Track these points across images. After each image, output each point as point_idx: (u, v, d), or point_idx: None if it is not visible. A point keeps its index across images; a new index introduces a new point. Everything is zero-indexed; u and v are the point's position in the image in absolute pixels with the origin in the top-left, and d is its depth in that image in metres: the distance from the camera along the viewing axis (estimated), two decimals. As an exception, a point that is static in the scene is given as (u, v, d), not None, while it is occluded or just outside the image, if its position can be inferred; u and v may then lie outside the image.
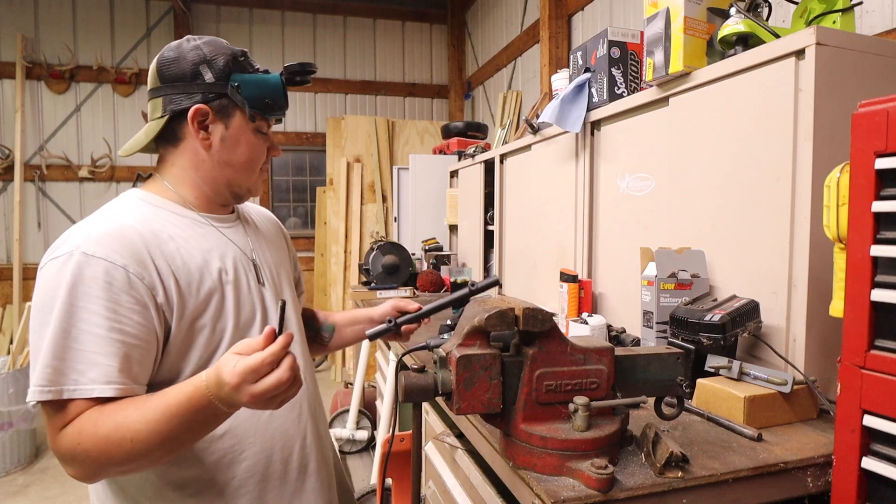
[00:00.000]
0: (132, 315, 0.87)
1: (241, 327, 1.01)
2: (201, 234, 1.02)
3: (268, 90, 1.02)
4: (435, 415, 1.59)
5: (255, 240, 1.13)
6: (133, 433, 0.80)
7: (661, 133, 1.61)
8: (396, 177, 4.58)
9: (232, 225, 1.10)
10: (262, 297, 1.07)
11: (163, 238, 0.94)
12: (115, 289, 0.86)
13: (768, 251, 1.25)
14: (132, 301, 0.87)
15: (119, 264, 0.87)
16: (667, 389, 0.98)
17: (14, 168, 5.35)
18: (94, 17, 5.61)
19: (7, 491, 3.06)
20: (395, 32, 6.42)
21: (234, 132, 1.02)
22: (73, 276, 0.84)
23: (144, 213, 0.98)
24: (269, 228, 1.25)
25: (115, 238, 0.89)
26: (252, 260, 1.08)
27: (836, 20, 1.33)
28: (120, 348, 0.85)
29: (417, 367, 0.90)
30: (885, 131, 0.77)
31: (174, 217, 1.01)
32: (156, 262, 0.91)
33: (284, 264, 1.21)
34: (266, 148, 1.08)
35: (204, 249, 1.00)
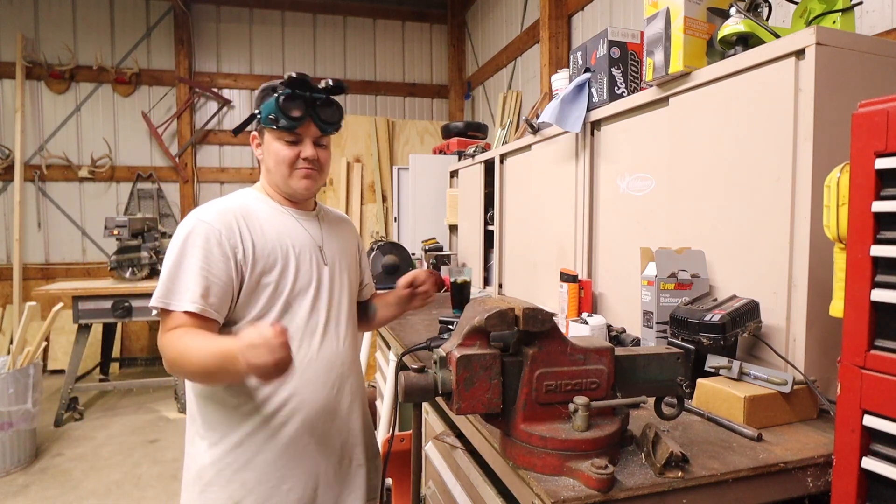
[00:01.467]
0: (219, 262, 1.23)
1: (297, 290, 1.32)
2: (282, 220, 1.36)
3: (271, 110, 1.28)
4: (435, 415, 1.59)
5: (326, 232, 1.45)
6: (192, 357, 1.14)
7: (661, 133, 1.61)
8: (396, 177, 4.58)
9: (309, 218, 1.42)
10: (321, 273, 1.38)
11: (252, 217, 1.31)
12: (212, 242, 1.23)
13: (768, 251, 1.25)
14: (221, 253, 1.23)
15: (216, 227, 1.24)
16: (667, 389, 0.98)
17: (14, 168, 5.35)
18: (94, 17, 5.61)
19: (7, 491, 3.06)
20: (395, 32, 6.42)
21: (266, 145, 1.35)
22: (190, 232, 1.24)
23: (247, 200, 1.36)
24: (344, 229, 1.54)
25: (219, 212, 1.28)
26: (319, 246, 1.40)
27: (836, 20, 1.33)
28: (205, 281, 1.20)
29: (417, 367, 0.90)
30: (885, 131, 0.77)
31: (265, 206, 1.36)
32: (241, 231, 1.27)
33: (348, 258, 1.49)
34: (295, 153, 1.32)
35: (280, 230, 1.34)
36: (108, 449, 3.58)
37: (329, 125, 1.34)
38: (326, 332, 1.36)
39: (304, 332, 1.32)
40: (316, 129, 1.33)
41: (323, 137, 1.35)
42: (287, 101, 1.27)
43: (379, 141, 5.36)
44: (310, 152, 1.32)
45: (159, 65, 5.78)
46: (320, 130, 1.33)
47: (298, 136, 1.31)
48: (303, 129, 1.31)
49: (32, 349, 3.36)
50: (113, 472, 3.28)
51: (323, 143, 1.37)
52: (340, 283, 1.43)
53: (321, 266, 1.38)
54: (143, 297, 3.97)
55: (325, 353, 1.35)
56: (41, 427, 3.67)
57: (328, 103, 1.33)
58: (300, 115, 1.28)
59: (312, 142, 1.33)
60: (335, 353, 1.37)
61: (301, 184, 1.34)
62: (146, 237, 4.37)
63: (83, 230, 5.66)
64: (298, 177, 1.34)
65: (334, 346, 1.38)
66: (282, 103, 1.26)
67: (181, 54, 5.74)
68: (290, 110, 1.27)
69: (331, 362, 1.36)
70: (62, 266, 5.59)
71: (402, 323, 2.27)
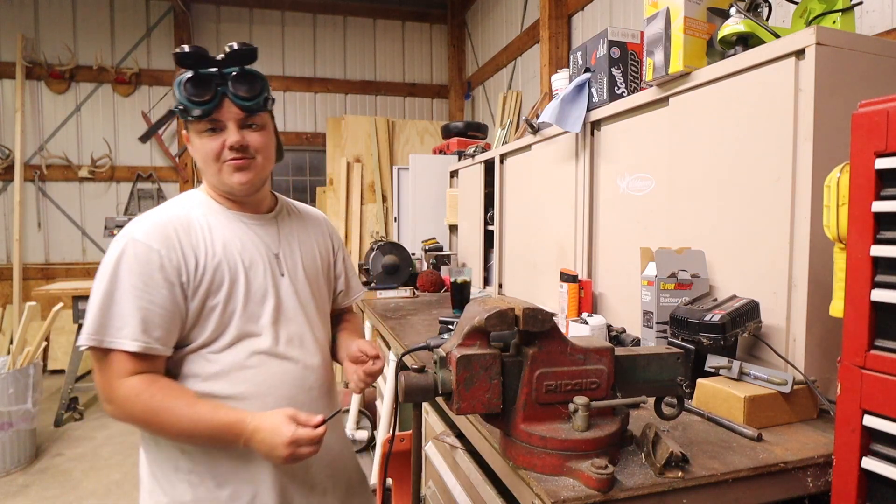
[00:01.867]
0: (161, 290, 1.06)
1: (250, 310, 1.15)
2: (229, 228, 1.18)
3: (178, 95, 1.09)
4: (435, 415, 1.59)
5: (286, 236, 1.26)
6: (176, 420, 1.03)
7: (661, 133, 1.61)
8: (396, 177, 4.58)
9: (263, 222, 1.24)
10: (278, 285, 1.20)
11: (194, 228, 1.14)
12: (151, 267, 1.06)
13: (768, 251, 1.25)
14: (163, 278, 1.07)
15: (154, 248, 1.07)
16: (667, 389, 0.98)
17: (14, 168, 5.35)
18: (94, 17, 5.61)
19: (7, 491, 3.06)
20: (395, 32, 6.42)
21: (191, 140, 1.16)
22: (121, 255, 1.07)
23: (189, 207, 1.18)
24: (312, 228, 1.36)
25: (156, 227, 1.10)
26: (275, 253, 1.22)
27: (836, 20, 1.33)
28: (146, 314, 1.05)
29: (417, 367, 0.90)
30: (885, 131, 0.77)
31: (210, 212, 1.19)
32: (182, 248, 1.10)
33: (316, 262, 1.32)
34: (219, 143, 1.12)
35: (227, 240, 1.16)
36: (108, 449, 3.58)
37: (250, 100, 1.11)
38: (289, 353, 1.18)
39: (263, 355, 1.15)
40: (237, 110, 1.11)
41: (251, 117, 1.13)
42: (189, 84, 1.08)
43: (379, 141, 5.36)
44: (234, 138, 1.11)
45: (159, 65, 5.78)
46: (242, 110, 1.11)
47: (217, 123, 1.11)
48: (220, 113, 1.10)
49: (32, 349, 3.36)
50: (113, 472, 3.28)
51: (253, 124, 1.14)
52: (305, 295, 1.25)
53: (277, 277, 1.20)
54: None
55: (290, 378, 1.17)
56: (41, 427, 3.67)
57: (243, 75, 1.11)
58: (209, 97, 1.08)
59: (237, 125, 1.12)
60: (301, 378, 1.19)
61: (234, 178, 1.14)
62: (146, 237, 4.36)
63: (83, 230, 5.66)
64: (229, 171, 1.13)
65: (300, 369, 1.19)
66: (184, 87, 1.07)
67: (181, 54, 5.74)
68: (195, 94, 1.08)
69: (297, 387, 1.18)
70: (62, 266, 5.59)
71: (402, 323, 2.28)
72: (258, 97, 1.13)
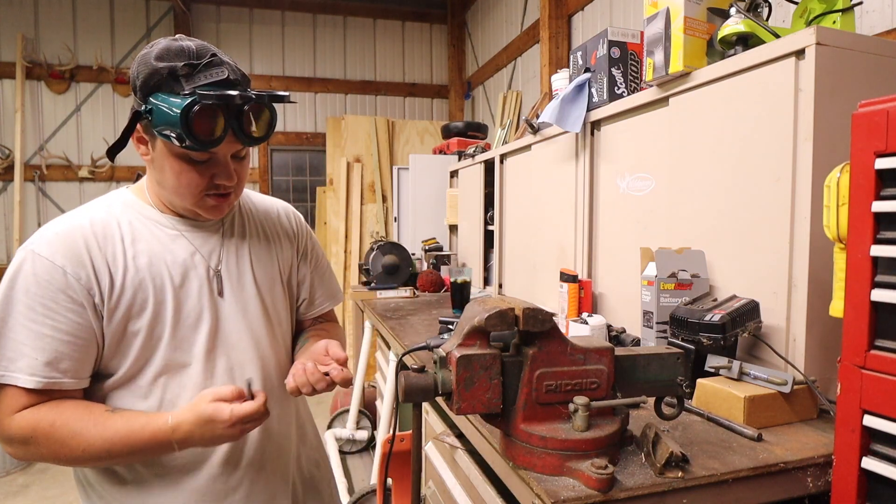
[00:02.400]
0: (67, 314, 0.90)
1: (180, 337, 0.98)
2: (156, 236, 0.99)
3: (170, 121, 0.87)
4: (435, 415, 1.59)
5: (233, 244, 1.07)
6: (87, 444, 0.88)
7: (661, 133, 1.61)
8: (396, 177, 4.58)
9: (203, 229, 1.04)
10: (216, 308, 1.02)
11: (112, 237, 0.96)
12: (53, 287, 0.89)
13: (768, 251, 1.25)
14: (69, 300, 0.90)
15: (58, 264, 0.90)
16: (667, 389, 0.98)
17: (14, 168, 5.35)
18: (94, 17, 5.61)
19: (7, 491, 3.06)
20: (395, 32, 6.42)
21: (158, 155, 0.95)
22: (17, 272, 0.90)
23: (110, 212, 0.99)
24: (270, 228, 1.16)
25: (61, 238, 0.92)
26: (215, 269, 1.03)
27: (836, 20, 1.33)
28: (49, 343, 0.88)
29: (417, 367, 0.90)
30: (885, 131, 0.77)
31: (140, 218, 1.00)
32: (94, 262, 0.92)
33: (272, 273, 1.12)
34: (206, 178, 0.94)
35: (153, 253, 0.98)
36: (108, 449, 3.58)
37: (257, 140, 0.95)
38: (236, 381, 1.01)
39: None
40: (237, 143, 0.95)
41: (243, 149, 0.98)
42: (202, 116, 0.87)
43: (379, 141, 5.36)
44: (227, 177, 0.95)
45: (159, 65, 5.78)
46: (242, 144, 0.96)
47: (211, 155, 0.93)
48: (219, 148, 0.92)
49: (32, 349, 3.35)
50: (113, 472, 3.27)
51: (242, 156, 0.99)
52: (255, 314, 1.06)
53: (215, 298, 1.02)
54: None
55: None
56: None
57: (258, 109, 0.93)
58: (220, 135, 0.90)
59: (230, 158, 0.96)
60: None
61: (210, 213, 1.00)
62: (146, 237, 4.36)
63: (83, 230, 5.66)
64: (208, 206, 0.98)
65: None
66: (193, 119, 0.86)
67: (181, 54, 5.74)
68: (205, 130, 0.88)
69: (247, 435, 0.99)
70: (62, 266, 5.59)
71: (402, 323, 2.28)
72: (268, 135, 0.98)
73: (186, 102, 0.86)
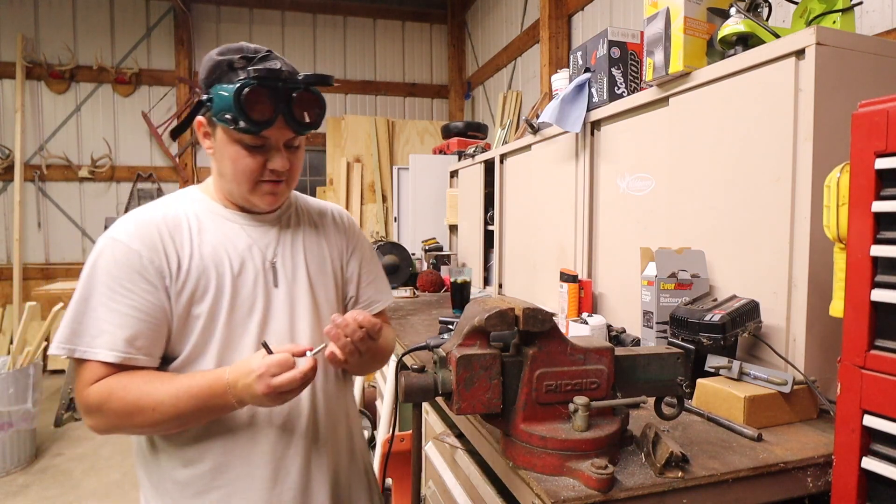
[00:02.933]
0: (144, 294, 0.97)
1: (235, 323, 1.04)
2: (221, 229, 1.07)
3: (227, 105, 0.96)
4: (435, 415, 1.59)
5: (289, 240, 1.13)
6: (157, 403, 0.93)
7: (661, 133, 1.61)
8: (396, 177, 4.58)
9: (262, 224, 1.12)
10: (269, 298, 1.08)
11: (181, 229, 1.04)
12: (131, 269, 0.97)
13: (768, 251, 1.25)
14: (144, 281, 0.98)
15: (135, 248, 0.98)
16: (667, 389, 0.98)
17: (14, 168, 5.35)
18: (94, 17, 5.61)
19: (7, 491, 3.06)
20: (395, 32, 6.42)
21: (219, 144, 1.03)
22: (99, 257, 0.98)
23: (180, 207, 1.08)
24: (323, 230, 1.21)
25: (137, 227, 1.01)
26: (271, 261, 1.09)
27: (836, 20, 1.33)
28: (128, 321, 0.96)
29: (417, 367, 0.90)
30: (885, 131, 0.77)
31: (206, 212, 1.08)
32: (166, 249, 1.01)
33: (325, 269, 1.17)
34: (260, 163, 1.02)
35: (217, 243, 1.05)
36: (108, 449, 3.58)
37: (307, 127, 1.03)
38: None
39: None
40: (289, 131, 1.02)
41: (295, 139, 1.05)
42: (253, 97, 0.95)
43: (379, 141, 5.36)
44: (280, 163, 1.02)
45: (159, 65, 5.78)
46: (294, 132, 1.03)
47: (265, 140, 1.00)
48: (271, 132, 0.99)
49: (32, 349, 3.36)
50: (113, 472, 3.28)
51: (295, 146, 1.06)
52: (304, 307, 1.11)
53: (269, 288, 1.07)
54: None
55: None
56: (41, 427, 3.67)
57: (307, 98, 1.01)
58: (270, 116, 0.97)
59: (283, 145, 1.03)
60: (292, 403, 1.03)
61: (265, 200, 1.06)
62: (146, 237, 4.37)
63: (83, 230, 5.67)
64: (262, 193, 1.04)
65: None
66: (245, 99, 0.95)
67: (181, 54, 5.75)
68: (256, 110, 0.96)
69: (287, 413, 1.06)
70: (62, 266, 5.59)
71: (402, 323, 2.28)
72: (316, 123, 1.04)
73: (238, 85, 0.96)
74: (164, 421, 0.95)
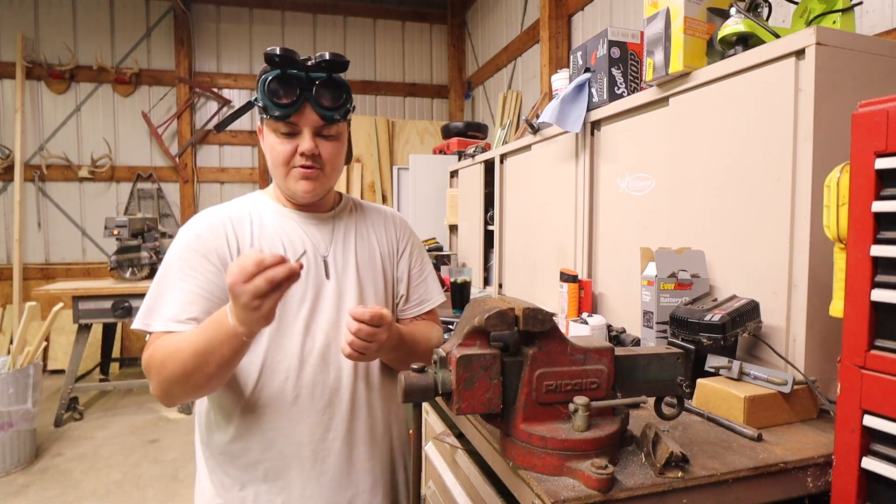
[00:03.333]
0: (209, 275, 1.09)
1: (284, 311, 1.12)
2: (280, 224, 1.18)
3: (259, 92, 1.09)
4: (435, 415, 1.59)
5: (342, 237, 1.22)
6: (176, 345, 1.00)
7: (661, 133, 1.61)
8: (396, 177, 4.58)
9: (318, 221, 1.21)
10: (319, 288, 1.16)
11: (244, 222, 1.16)
12: (199, 253, 1.10)
13: (768, 251, 1.25)
14: (209, 263, 1.09)
15: (203, 236, 1.11)
16: (667, 389, 0.98)
17: (14, 168, 5.35)
18: (94, 17, 5.61)
19: (7, 491, 3.06)
20: (395, 32, 6.42)
21: (265, 139, 1.15)
22: (175, 243, 1.13)
23: (245, 205, 1.20)
24: (376, 230, 1.28)
25: (206, 219, 1.15)
26: (324, 255, 1.18)
27: (836, 20, 1.33)
28: (194, 298, 1.07)
29: (417, 367, 0.90)
30: (885, 131, 0.77)
31: (267, 210, 1.19)
32: (228, 237, 1.13)
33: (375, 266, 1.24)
34: (291, 148, 1.11)
35: (275, 235, 1.16)
36: (108, 449, 3.58)
37: (332, 111, 1.10)
38: (325, 360, 1.13)
39: (295, 359, 1.12)
40: (316, 117, 1.09)
41: (327, 127, 1.11)
42: (274, 83, 1.06)
43: (379, 141, 5.36)
44: (307, 145, 1.09)
45: (159, 65, 5.78)
46: (322, 118, 1.10)
47: (294, 127, 1.10)
48: (299, 118, 1.09)
49: (32, 349, 3.36)
50: (113, 472, 3.28)
51: (328, 135, 1.12)
52: (350, 300, 1.18)
53: (321, 279, 1.16)
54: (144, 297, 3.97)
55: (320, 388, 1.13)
56: (41, 427, 3.67)
57: (329, 83, 1.09)
58: (292, 100, 1.07)
59: (313, 132, 1.10)
60: (334, 389, 1.14)
61: (299, 186, 1.13)
62: (146, 237, 4.37)
63: (83, 230, 5.66)
64: (295, 177, 1.12)
65: (333, 378, 1.14)
66: (268, 87, 1.06)
67: (181, 54, 5.75)
68: (278, 95, 1.06)
69: (328, 398, 1.14)
70: (62, 266, 5.59)
71: (402, 323, 2.27)
72: (340, 108, 1.11)
73: (264, 76, 1.07)
74: (185, 362, 0.98)
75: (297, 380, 1.12)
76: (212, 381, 1.02)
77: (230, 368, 1.02)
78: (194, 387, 1.03)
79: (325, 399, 1.14)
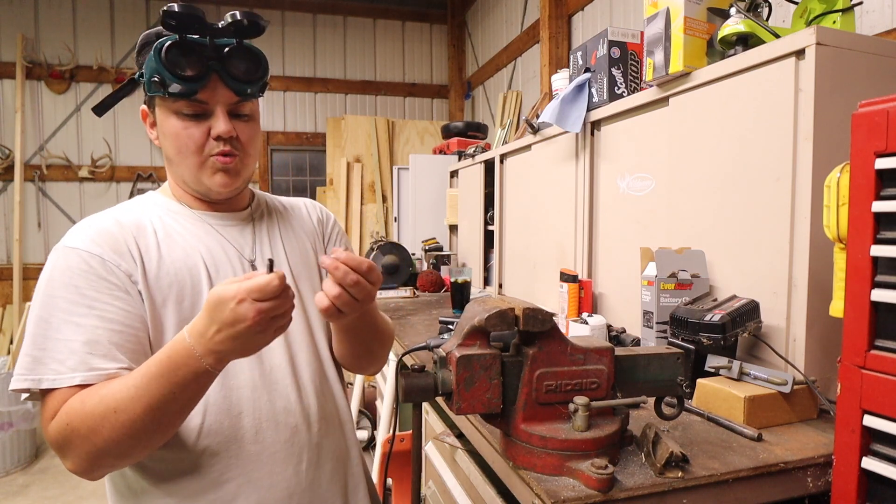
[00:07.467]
0: (114, 301, 0.84)
1: None
2: (191, 230, 0.97)
3: (153, 66, 0.86)
4: (435, 415, 1.59)
5: (264, 236, 1.05)
6: (116, 402, 0.76)
7: (661, 133, 1.61)
8: (396, 177, 4.58)
9: (234, 222, 1.03)
10: None
11: (146, 233, 0.93)
12: (93, 276, 0.84)
13: (768, 251, 1.25)
14: (112, 287, 0.85)
15: (95, 252, 0.86)
16: (667, 389, 0.98)
17: (14, 168, 5.35)
18: (94, 17, 5.61)
19: (7, 491, 3.06)
20: (395, 32, 6.42)
21: (159, 123, 0.93)
22: (53, 268, 0.85)
23: (142, 209, 0.98)
24: (298, 221, 1.14)
25: (94, 230, 0.89)
26: (249, 259, 1.00)
27: (836, 20, 1.33)
28: (101, 334, 0.82)
29: (417, 367, 0.90)
30: (885, 131, 0.77)
31: (171, 214, 0.98)
32: (131, 251, 0.89)
33: (306, 262, 1.10)
34: (202, 131, 0.91)
35: (188, 245, 0.95)
36: (108, 449, 3.58)
37: (247, 84, 0.91)
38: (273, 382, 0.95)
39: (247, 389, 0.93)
40: (229, 93, 0.90)
41: (241, 104, 0.93)
42: (174, 51, 0.85)
43: (379, 141, 5.36)
44: (224, 127, 0.90)
45: (159, 65, 5.78)
46: (235, 93, 0.91)
47: (203, 106, 0.90)
48: (208, 94, 0.89)
49: (32, 349, 3.35)
50: (113, 472, 3.27)
51: (242, 113, 0.94)
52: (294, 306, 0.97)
53: None
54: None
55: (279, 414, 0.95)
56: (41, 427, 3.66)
57: (242, 51, 0.90)
58: (198, 72, 0.86)
59: (226, 111, 0.91)
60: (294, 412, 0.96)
61: (216, 179, 0.93)
62: (146, 237, 4.37)
63: (83, 230, 5.66)
64: (211, 169, 0.93)
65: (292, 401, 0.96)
66: (165, 55, 0.85)
67: (181, 54, 5.74)
68: (181, 66, 0.85)
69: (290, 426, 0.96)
70: (62, 266, 5.59)
71: (402, 323, 2.28)
72: (258, 81, 0.93)
73: (160, 41, 0.87)
74: (134, 423, 0.76)
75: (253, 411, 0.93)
76: (166, 434, 0.81)
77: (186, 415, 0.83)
78: (143, 447, 0.81)
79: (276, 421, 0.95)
